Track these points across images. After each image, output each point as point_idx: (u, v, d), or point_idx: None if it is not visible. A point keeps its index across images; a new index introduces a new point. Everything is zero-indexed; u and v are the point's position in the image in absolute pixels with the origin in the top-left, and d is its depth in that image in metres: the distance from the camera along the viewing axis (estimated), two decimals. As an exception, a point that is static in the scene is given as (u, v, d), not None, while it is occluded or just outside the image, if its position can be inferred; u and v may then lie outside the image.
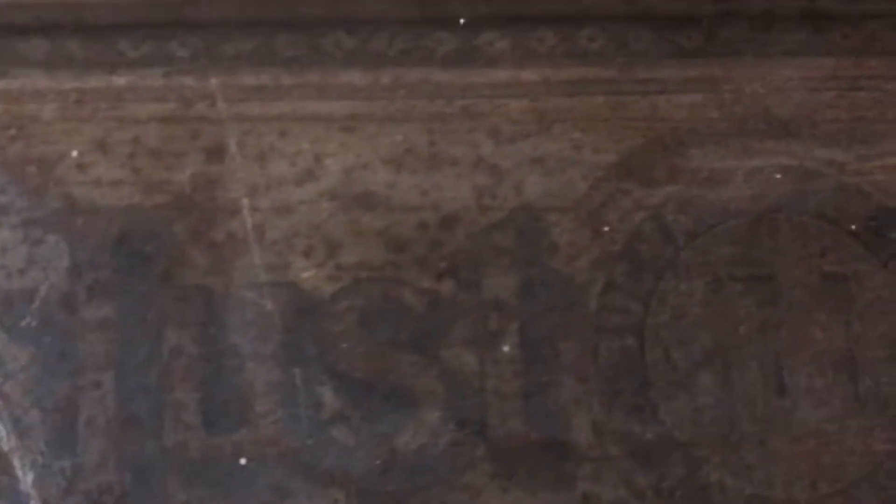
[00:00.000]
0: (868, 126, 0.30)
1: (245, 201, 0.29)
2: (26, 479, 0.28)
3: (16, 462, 0.28)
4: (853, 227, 0.29)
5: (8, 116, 0.29)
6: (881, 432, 0.28)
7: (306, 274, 0.29)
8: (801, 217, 0.29)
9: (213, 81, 0.30)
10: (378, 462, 0.28)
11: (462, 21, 0.29)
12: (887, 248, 0.29)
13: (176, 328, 0.28)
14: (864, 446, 0.28)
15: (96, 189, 0.29)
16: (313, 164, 0.29)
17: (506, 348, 0.28)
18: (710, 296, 0.29)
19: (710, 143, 0.30)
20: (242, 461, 0.28)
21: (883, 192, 0.30)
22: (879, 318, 0.29)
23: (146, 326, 0.28)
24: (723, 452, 0.28)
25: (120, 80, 0.30)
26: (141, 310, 0.28)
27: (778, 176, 0.29)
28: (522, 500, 0.28)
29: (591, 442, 0.28)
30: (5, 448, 0.28)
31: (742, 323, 0.29)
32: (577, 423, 0.28)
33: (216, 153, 0.29)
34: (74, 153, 0.29)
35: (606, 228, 0.29)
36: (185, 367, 0.28)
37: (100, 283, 0.28)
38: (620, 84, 0.30)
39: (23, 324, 0.28)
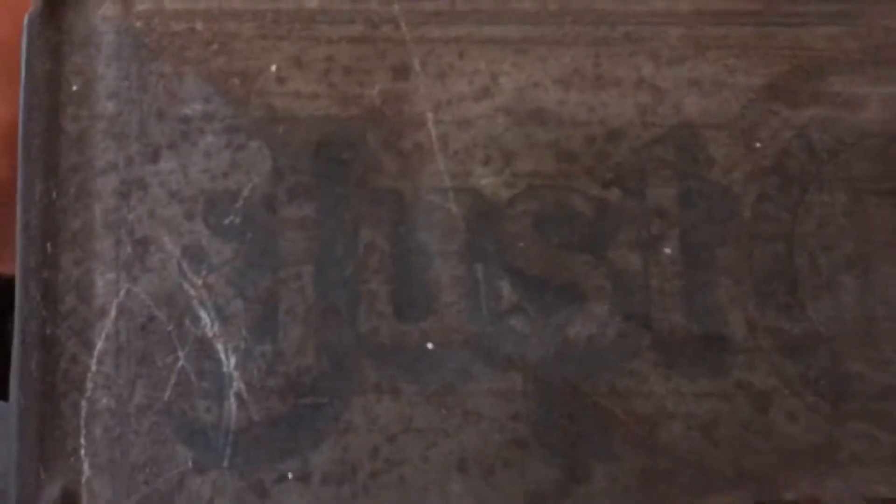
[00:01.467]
0: None
1: (429, 115, 0.31)
2: (229, 362, 0.31)
3: (219, 347, 0.31)
4: (983, 145, 0.32)
5: (210, 33, 0.32)
6: None
7: (485, 181, 0.31)
8: (934, 138, 0.32)
9: (396, 7, 0.32)
10: (552, 349, 0.30)
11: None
12: None
13: (370, 227, 0.31)
14: None
15: (295, 101, 0.31)
16: (489, 83, 0.32)
17: (668, 251, 0.31)
18: (850, 207, 0.31)
19: (848, 70, 0.32)
20: (429, 346, 0.30)
21: None
22: None
23: (343, 225, 0.31)
24: (863, 347, 0.31)
25: (311, 3, 0.32)
26: (338, 210, 0.31)
27: (911, 101, 0.32)
28: (683, 385, 0.30)
29: (745, 336, 0.30)
30: (209, 334, 0.31)
31: (879, 231, 0.31)
32: (732, 318, 0.31)
33: (402, 71, 0.32)
34: (273, 67, 0.31)
35: (758, 145, 0.32)
36: (378, 261, 0.31)
37: (300, 185, 0.31)
38: (766, 16, 0.33)
39: (226, 222, 0.31)
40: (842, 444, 0.30)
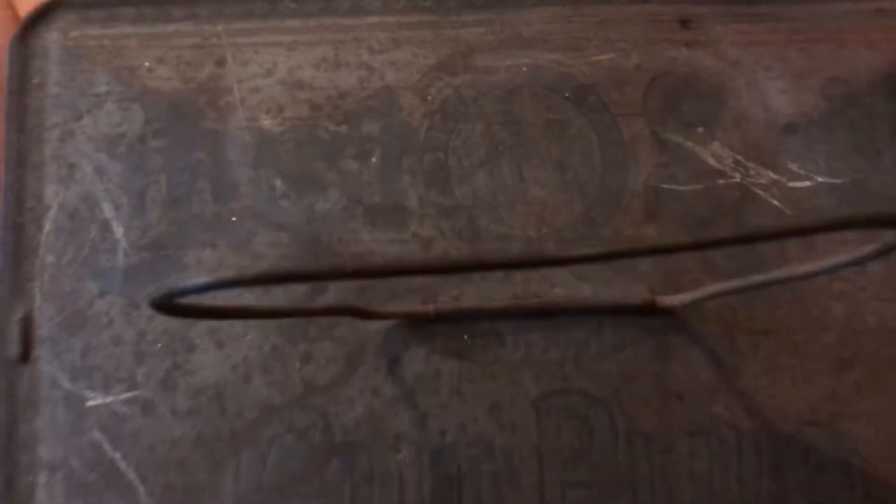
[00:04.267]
0: (576, 41, 0.54)
1: (235, 86, 0.53)
2: (119, 232, 0.52)
3: (113, 224, 0.51)
4: (567, 94, 0.52)
5: (112, 46, 0.54)
6: (578, 202, 0.51)
7: (266, 122, 0.52)
8: (536, 89, 0.52)
9: (220, 27, 0.54)
10: (305, 218, 0.51)
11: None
12: (586, 106, 0.52)
13: (199, 151, 0.51)
14: (568, 209, 0.51)
15: (159, 82, 0.53)
16: (272, 67, 0.53)
17: (373, 160, 0.51)
18: (484, 131, 0.52)
19: (489, 52, 0.53)
20: (233, 219, 0.51)
21: (584, 76, 0.53)
22: (579, 141, 0.52)
23: (184, 151, 0.51)
24: (488, 211, 0.50)
25: (170, 28, 0.55)
26: (181, 142, 0.52)
27: (524, 69, 0.53)
28: (380, 236, 0.50)
29: (418, 207, 0.50)
30: (108, 217, 0.52)
31: (500, 145, 0.51)
32: (410, 197, 0.51)
33: (221, 63, 0.53)
34: (146, 64, 0.53)
35: (429, 97, 0.52)
36: (204, 171, 0.51)
37: (160, 129, 0.51)
38: (439, 23, 0.54)
39: (118, 151, 0.52)
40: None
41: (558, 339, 0.49)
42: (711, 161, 0.51)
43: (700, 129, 0.51)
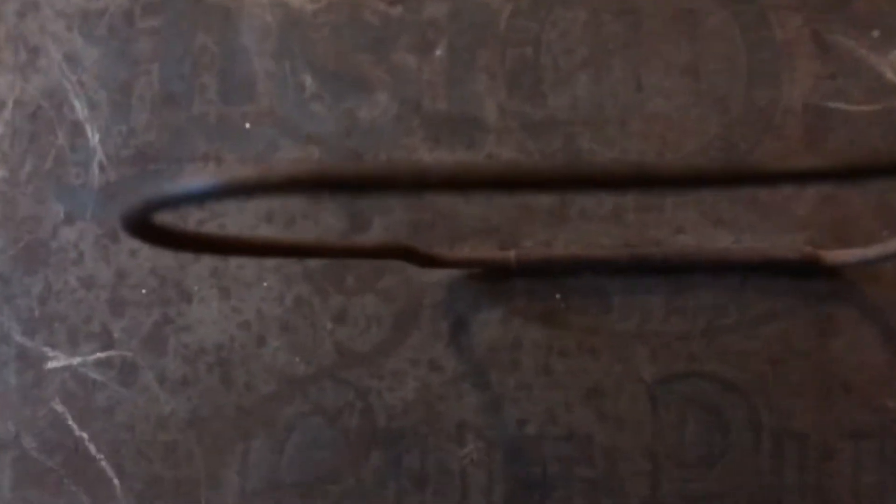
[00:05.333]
0: None
1: (255, -51, 0.40)
2: (94, 139, 0.39)
3: (87, 127, 0.39)
4: (699, -24, 0.39)
5: None
6: (714, 119, 0.38)
7: (297, -1, 0.39)
8: (660, -32, 0.39)
9: None
10: (343, 128, 0.38)
11: None
12: (724, -8, 0.39)
13: (203, 33, 0.39)
14: (701, 129, 0.38)
15: (151, -62, 0.40)
16: (305, -74, 0.40)
17: (437, 53, 0.39)
18: (589, 21, 0.39)
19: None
20: (247, 125, 0.38)
21: (723, -47, 0.40)
22: (718, 40, 0.39)
23: (182, 32, 0.39)
24: (592, 129, 0.38)
25: None
26: (179, 21, 0.39)
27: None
28: (444, 156, 0.38)
29: (496, 119, 0.38)
30: (81, 118, 0.39)
31: (611, 41, 0.39)
32: (486, 105, 0.38)
33: (236, -83, 0.40)
34: (136, -85, 0.40)
35: (515, -28, 0.39)
36: (209, 60, 0.39)
37: (151, 3, 0.39)
38: None
39: (96, 32, 0.40)
40: (572, 204, 0.37)
41: (684, 303, 0.36)
42: (889, 74, 0.38)
43: (876, 33, 0.38)
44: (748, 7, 0.39)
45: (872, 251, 0.36)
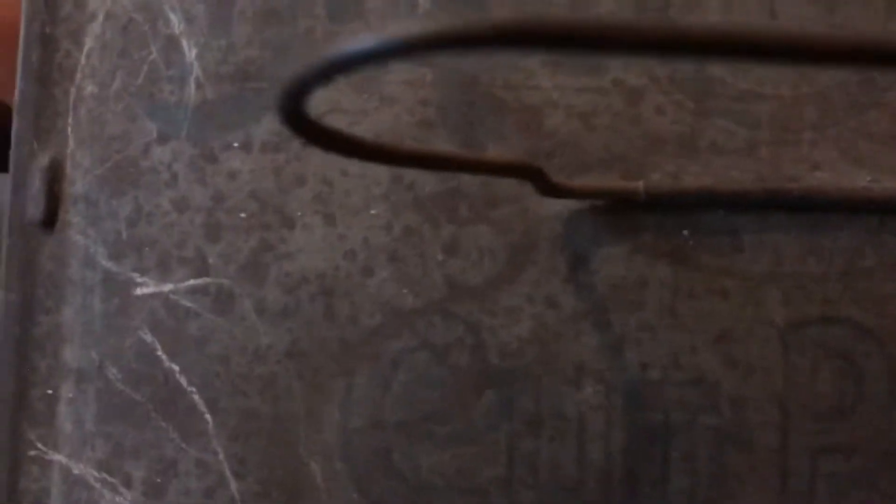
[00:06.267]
0: None
1: None
2: (191, 54, 0.37)
3: (184, 42, 0.37)
4: None
5: None
6: (852, 53, 0.36)
7: (410, -88, 0.37)
8: None
9: None
10: (458, 48, 0.36)
11: None
12: (865, -82, 0.37)
13: (310, -56, 0.37)
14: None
15: None
16: None
17: None
18: (721, -57, 0.37)
19: None
20: (355, 42, 0.36)
21: None
22: (856, -32, 0.37)
23: None
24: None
25: None
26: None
27: None
28: (566, 81, 0.35)
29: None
30: (176, 32, 0.37)
31: (746, -36, 0.36)
32: (612, 28, 0.36)
33: None
34: None
35: None
36: (316, -28, 0.37)
37: None
38: None
39: None
40: (703, 135, 0.35)
41: (820, 244, 0.34)
42: None
43: None
44: (889, -65, 0.37)
45: None
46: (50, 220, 0.36)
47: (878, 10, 0.36)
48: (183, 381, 0.35)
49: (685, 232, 0.34)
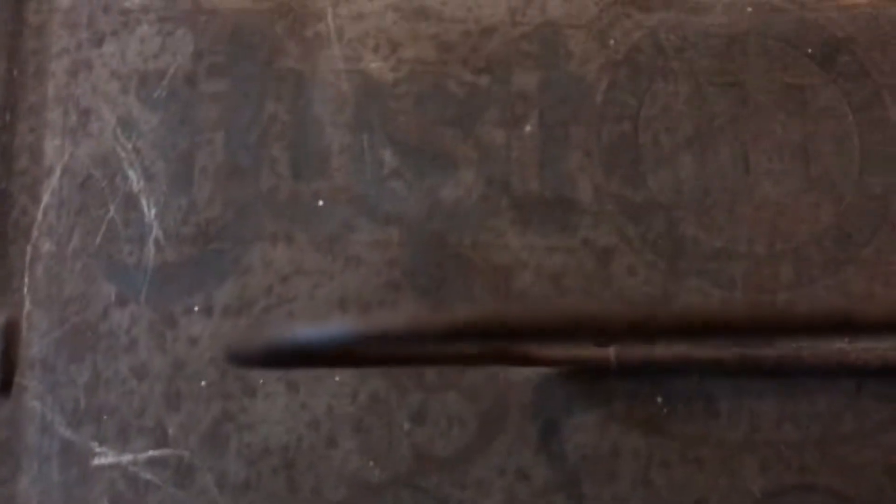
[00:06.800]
0: (825, -26, 0.38)
1: (329, 9, 0.36)
2: (150, 213, 0.36)
3: (143, 200, 0.36)
4: (809, 50, 0.36)
5: (150, -58, 0.38)
6: (827, 207, 0.35)
7: (374, 65, 0.36)
8: (766, 40, 0.37)
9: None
10: (425, 208, 0.35)
11: None
12: (836, 68, 0.36)
13: (273, 101, 0.36)
14: (813, 217, 0.35)
15: (216, -5, 0.37)
16: (383, -14, 0.37)
17: (528, 128, 0.36)
18: (692, 96, 0.36)
19: (698, -17, 0.37)
20: (320, 203, 0.35)
21: (834, 25, 0.37)
22: (828, 119, 0.36)
23: (250, 99, 0.36)
24: (697, 214, 0.35)
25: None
26: (247, 86, 0.36)
27: (750, 9, 0.37)
28: (535, 240, 0.35)
29: (592, 200, 0.35)
30: (135, 190, 0.36)
31: (717, 117, 0.36)
32: (581, 185, 0.35)
33: (309, -26, 0.37)
34: (201, -31, 0.37)
35: (612, 42, 0.36)
36: (279, 130, 0.36)
37: (216, 65, 0.36)
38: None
39: (154, 95, 0.36)
40: (676, 297, 0.34)
41: (797, 409, 0.33)
42: None
43: None
44: (860, 85, 0.36)
45: None
46: (5, 384, 0.35)
47: (854, 163, 0.36)
48: (143, 559, 0.34)
49: (658, 399, 0.34)
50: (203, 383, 0.34)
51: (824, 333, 0.18)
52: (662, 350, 0.34)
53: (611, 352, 0.33)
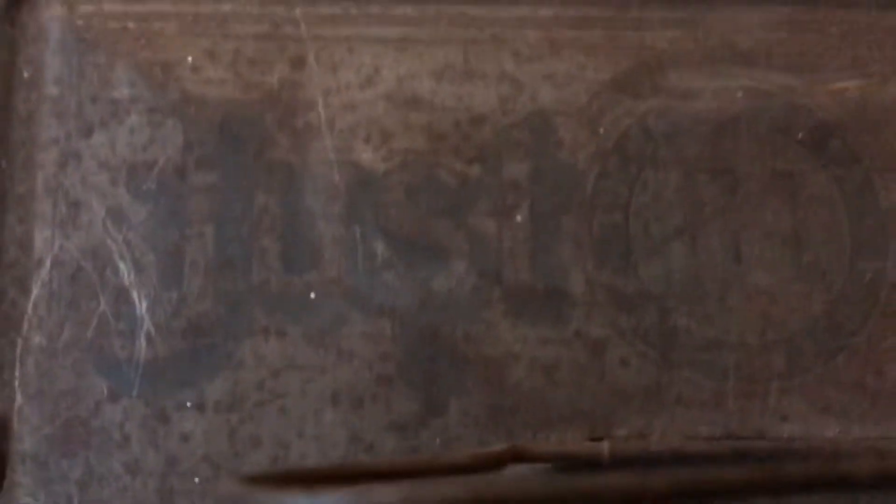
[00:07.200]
0: (813, 59, 0.38)
1: (320, 99, 0.36)
2: (141, 306, 0.36)
3: (134, 293, 0.36)
4: (800, 135, 0.37)
5: (139, 31, 0.38)
6: (818, 295, 0.35)
7: (365, 156, 0.36)
8: (757, 126, 0.37)
9: (297, 10, 0.38)
10: (417, 300, 0.35)
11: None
12: (826, 154, 0.37)
13: (264, 193, 0.36)
14: (805, 306, 0.35)
15: (206, 86, 0.37)
16: (373, 74, 0.37)
17: (519, 218, 0.36)
18: (682, 184, 0.36)
19: (686, 67, 0.37)
20: (312, 295, 0.35)
21: (824, 110, 0.37)
22: (819, 206, 0.36)
23: (240, 191, 0.36)
24: (689, 304, 0.35)
25: (225, 7, 0.38)
26: (237, 178, 0.36)
27: (739, 94, 0.37)
28: (528, 332, 0.35)
29: (584, 291, 0.35)
30: (126, 283, 0.36)
31: (707, 205, 0.36)
32: (573, 276, 0.35)
33: (298, 63, 0.37)
34: (189, 59, 0.37)
35: (602, 130, 0.36)
36: (270, 222, 0.36)
37: (206, 157, 0.36)
38: (615, 21, 0.38)
39: (144, 187, 0.36)
40: (669, 388, 0.34)
41: (791, 500, 0.33)
42: None
43: None
44: (851, 170, 0.36)
45: None
46: (-4, 481, 0.35)
47: (845, 249, 0.36)
48: None
49: (653, 493, 0.34)
50: (196, 480, 0.34)
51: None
52: (656, 439, 0.34)
53: (604, 446, 0.33)
